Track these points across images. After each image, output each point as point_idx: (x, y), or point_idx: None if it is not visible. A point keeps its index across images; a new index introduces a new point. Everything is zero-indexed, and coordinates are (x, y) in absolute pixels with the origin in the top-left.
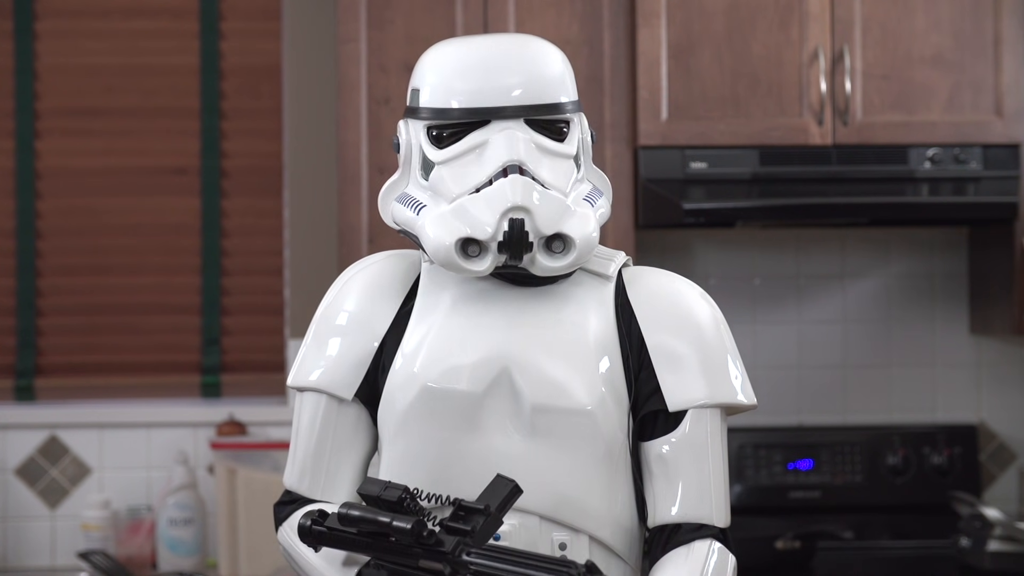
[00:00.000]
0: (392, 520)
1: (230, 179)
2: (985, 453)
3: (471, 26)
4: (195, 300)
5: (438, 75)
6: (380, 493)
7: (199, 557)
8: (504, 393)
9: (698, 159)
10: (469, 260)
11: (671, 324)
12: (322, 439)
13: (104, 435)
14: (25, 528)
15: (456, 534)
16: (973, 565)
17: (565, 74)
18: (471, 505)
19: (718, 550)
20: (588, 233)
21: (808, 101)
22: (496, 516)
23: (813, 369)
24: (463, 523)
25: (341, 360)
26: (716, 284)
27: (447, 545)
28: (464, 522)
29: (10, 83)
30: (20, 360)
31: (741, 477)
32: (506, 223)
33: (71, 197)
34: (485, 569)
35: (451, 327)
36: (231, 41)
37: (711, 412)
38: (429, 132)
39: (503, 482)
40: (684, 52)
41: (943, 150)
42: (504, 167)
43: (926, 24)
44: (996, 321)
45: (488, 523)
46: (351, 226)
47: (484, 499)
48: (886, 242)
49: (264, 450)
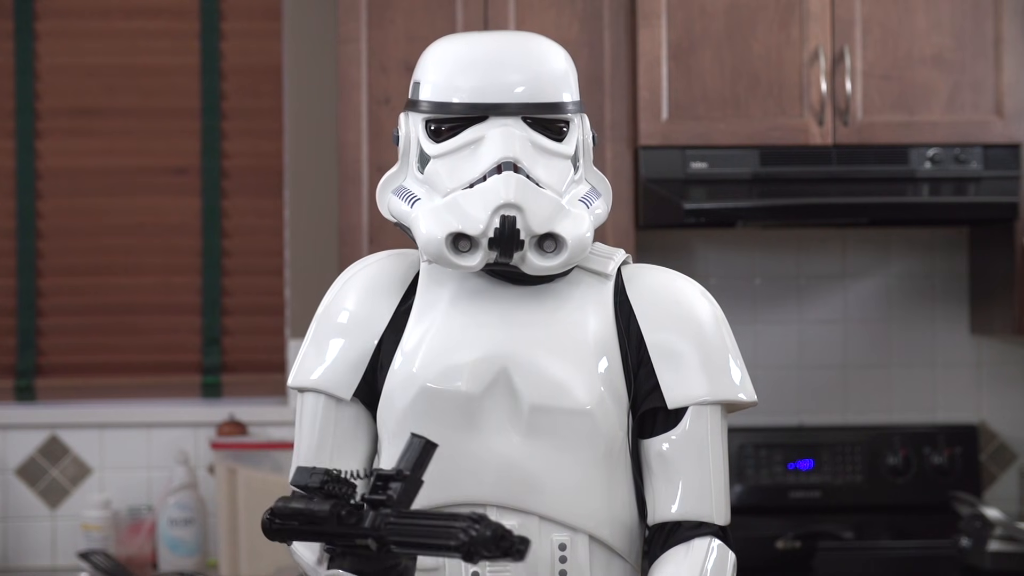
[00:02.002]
0: (307, 506)
1: (230, 179)
2: (985, 453)
3: (471, 26)
4: (195, 300)
5: (440, 69)
6: (307, 481)
7: (199, 557)
8: (503, 393)
9: (699, 159)
10: (459, 255)
11: (671, 322)
12: (322, 439)
13: (104, 435)
14: (25, 528)
15: (374, 505)
16: (973, 565)
17: (568, 74)
18: (387, 472)
19: (718, 548)
20: (581, 234)
21: (808, 101)
22: (414, 478)
23: (813, 369)
24: (382, 493)
25: (341, 360)
26: (717, 284)
27: (367, 520)
28: (383, 492)
29: (10, 83)
30: (21, 360)
31: (741, 477)
32: (497, 220)
33: (71, 197)
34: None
35: (450, 326)
36: (231, 41)
37: (711, 409)
38: (428, 126)
39: (416, 441)
40: (684, 52)
41: (943, 150)
42: (499, 164)
43: (927, 24)
44: (996, 321)
45: (407, 487)
46: (351, 226)
47: (400, 463)
48: (886, 242)
49: (264, 450)
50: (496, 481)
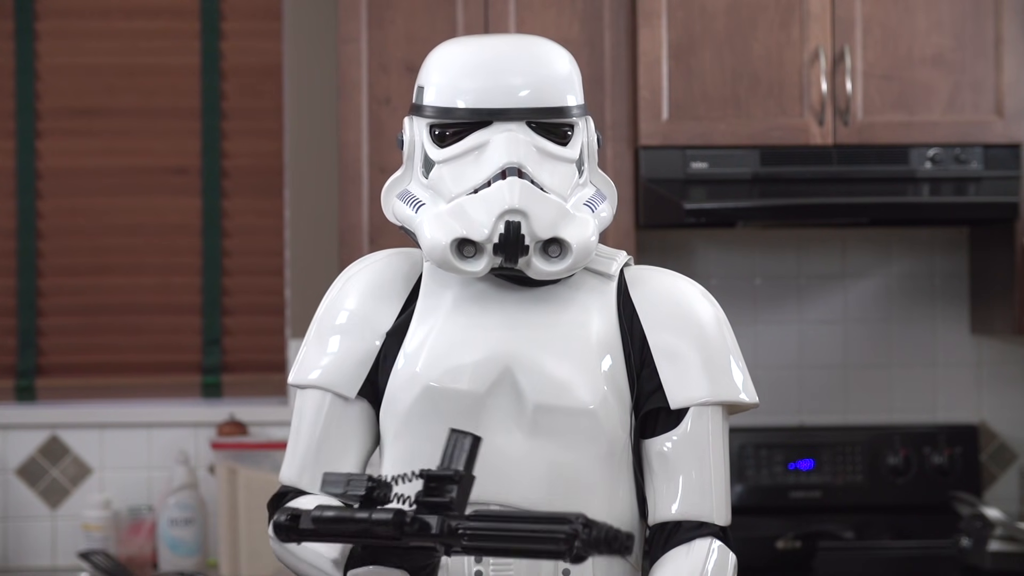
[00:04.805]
0: (371, 515)
1: (231, 179)
2: (986, 453)
3: (472, 26)
4: (196, 300)
5: (444, 74)
6: (346, 489)
7: (200, 557)
8: (506, 392)
9: (699, 159)
10: (464, 261)
11: (673, 323)
12: (325, 436)
13: (105, 435)
14: (26, 528)
15: (434, 508)
16: (974, 565)
17: (572, 77)
18: (440, 473)
19: (718, 548)
20: (586, 238)
21: (809, 101)
22: (467, 476)
23: (814, 369)
24: (437, 495)
25: (343, 358)
26: (717, 284)
27: (433, 526)
28: (438, 493)
29: (11, 83)
30: (21, 360)
31: (742, 477)
32: (502, 225)
33: (72, 197)
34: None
35: (453, 327)
36: (232, 41)
37: (712, 410)
38: (432, 131)
39: (461, 437)
40: (685, 52)
41: (944, 150)
42: (503, 169)
43: (927, 24)
44: (997, 321)
45: (462, 487)
46: (352, 226)
47: (448, 460)
48: (887, 242)
49: (265, 450)
50: (500, 480)
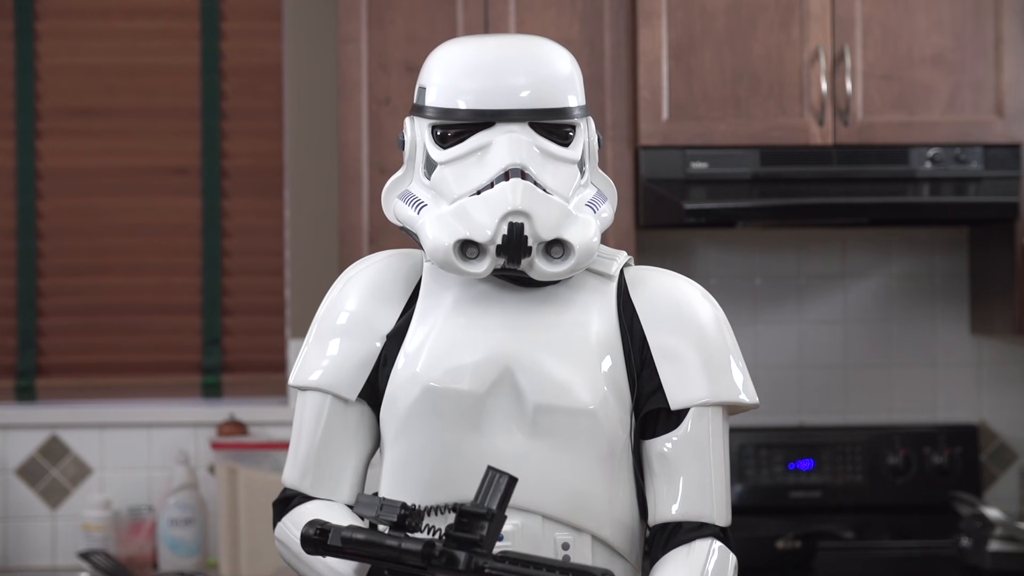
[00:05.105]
0: (400, 543)
1: (231, 179)
2: (986, 453)
3: (472, 26)
4: (196, 300)
5: (445, 74)
6: (378, 514)
7: (200, 557)
8: (506, 393)
9: (699, 159)
10: (467, 262)
11: (673, 323)
12: (326, 438)
13: (105, 435)
14: (26, 528)
15: (464, 544)
16: (974, 565)
17: (573, 77)
18: (473, 509)
19: (719, 549)
20: (588, 239)
21: (809, 101)
22: (499, 515)
23: (814, 369)
24: (468, 531)
25: (343, 360)
26: (717, 284)
27: (460, 562)
28: (468, 529)
29: (11, 83)
30: (21, 360)
31: (742, 477)
32: (505, 227)
33: (72, 197)
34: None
35: (453, 327)
36: (232, 41)
37: (713, 411)
38: (434, 131)
39: (498, 477)
40: (685, 52)
41: (944, 150)
42: (506, 170)
43: (927, 24)
44: (997, 321)
45: (493, 526)
46: (352, 226)
47: (482, 498)
48: (887, 242)
49: (265, 450)
50: None
